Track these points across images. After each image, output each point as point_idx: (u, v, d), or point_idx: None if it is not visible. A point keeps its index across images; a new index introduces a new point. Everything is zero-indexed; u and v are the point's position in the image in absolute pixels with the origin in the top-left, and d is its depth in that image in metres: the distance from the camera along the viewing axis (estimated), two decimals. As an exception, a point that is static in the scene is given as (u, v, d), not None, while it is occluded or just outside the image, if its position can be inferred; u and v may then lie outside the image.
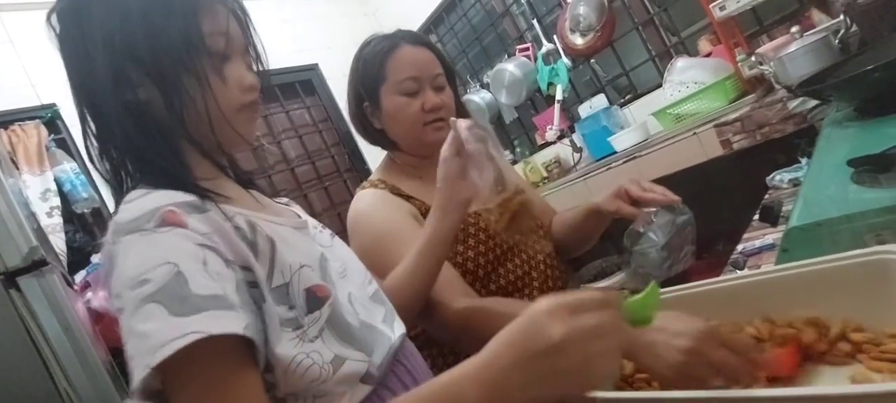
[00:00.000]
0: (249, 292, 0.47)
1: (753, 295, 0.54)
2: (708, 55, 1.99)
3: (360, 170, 3.00)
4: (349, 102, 0.95)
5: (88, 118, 0.54)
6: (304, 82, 3.01)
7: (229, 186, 0.60)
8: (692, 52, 2.15)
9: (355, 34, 3.04)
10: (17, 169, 1.88)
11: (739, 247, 0.91)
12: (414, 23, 3.17)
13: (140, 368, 0.40)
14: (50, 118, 2.03)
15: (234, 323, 0.42)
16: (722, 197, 1.58)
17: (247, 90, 0.56)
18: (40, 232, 1.18)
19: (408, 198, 0.88)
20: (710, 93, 1.79)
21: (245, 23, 0.58)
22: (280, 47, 2.72)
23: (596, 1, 2.33)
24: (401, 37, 0.90)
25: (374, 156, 1.06)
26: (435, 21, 3.15)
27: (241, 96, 0.56)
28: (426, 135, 0.88)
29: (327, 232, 0.68)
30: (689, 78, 1.86)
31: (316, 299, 0.52)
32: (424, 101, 0.87)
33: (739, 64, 1.73)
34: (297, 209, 0.71)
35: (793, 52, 1.22)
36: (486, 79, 2.88)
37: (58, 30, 0.53)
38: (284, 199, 0.73)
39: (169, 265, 0.43)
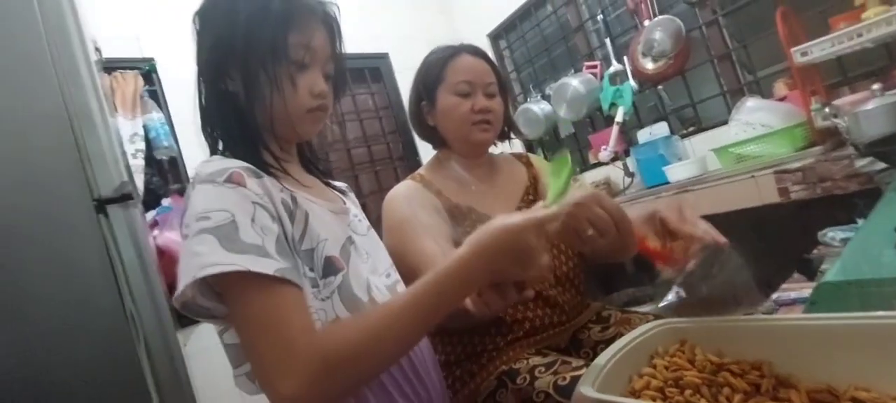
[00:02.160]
0: (287, 244, 0.58)
1: (773, 339, 0.56)
2: (782, 99, 1.91)
3: (410, 161, 3.09)
4: (410, 100, 1.05)
5: (201, 98, 0.67)
6: (373, 70, 3.13)
7: (291, 166, 0.70)
8: (766, 94, 2.07)
9: (428, 30, 3.14)
10: (115, 110, 2.10)
11: (774, 296, 0.90)
12: (487, 25, 3.22)
13: (187, 277, 0.51)
14: (147, 70, 2.24)
15: (267, 266, 0.52)
16: (770, 245, 1.52)
17: (316, 96, 0.65)
18: (129, 170, 1.33)
19: (437, 193, 0.96)
20: (776, 139, 1.73)
21: (334, 34, 0.68)
22: (354, 33, 2.85)
23: (673, 28, 2.29)
24: (462, 47, 1.01)
25: (426, 148, 1.14)
26: (507, 27, 3.19)
27: (309, 101, 0.65)
28: (473, 134, 0.98)
29: (365, 224, 0.77)
30: (757, 119, 1.80)
31: (332, 267, 0.62)
32: (474, 103, 0.97)
33: (813, 113, 1.66)
34: (351, 198, 0.81)
35: (870, 110, 1.17)
36: (548, 91, 2.89)
37: (196, 27, 0.67)
38: (343, 185, 0.83)
39: (226, 213, 0.54)
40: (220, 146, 0.68)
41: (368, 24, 3.03)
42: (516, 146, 2.73)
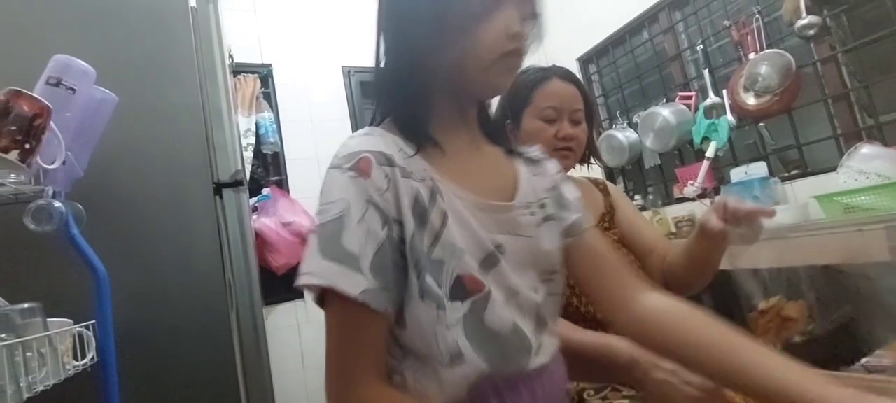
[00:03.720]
0: (398, 248, 0.52)
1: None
2: (905, 149, 1.71)
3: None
4: (494, 116, 1.08)
5: (378, 60, 0.61)
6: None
7: (459, 140, 0.60)
8: (888, 142, 1.87)
9: (517, 51, 3.18)
10: (236, 108, 2.40)
11: (864, 360, 0.83)
12: (578, 49, 3.20)
13: (300, 275, 0.51)
14: (264, 75, 2.54)
15: (353, 285, 0.48)
16: (874, 307, 1.37)
17: (511, 38, 0.55)
18: (242, 160, 1.52)
19: None
20: (893, 191, 1.55)
21: None
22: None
23: (782, 63, 2.13)
24: (554, 71, 1.01)
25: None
26: (599, 52, 3.15)
27: (505, 43, 0.55)
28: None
29: (537, 217, 0.63)
30: (871, 168, 1.63)
31: (462, 289, 0.52)
32: (559, 130, 0.97)
33: (941, 166, 1.47)
34: (544, 169, 0.68)
35: None
36: (635, 119, 2.81)
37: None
38: (538, 153, 0.70)
39: (339, 206, 0.50)
40: (380, 116, 0.62)
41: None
42: (595, 171, 2.68)
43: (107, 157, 1.10)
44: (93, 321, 0.98)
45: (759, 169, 2.19)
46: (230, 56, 1.70)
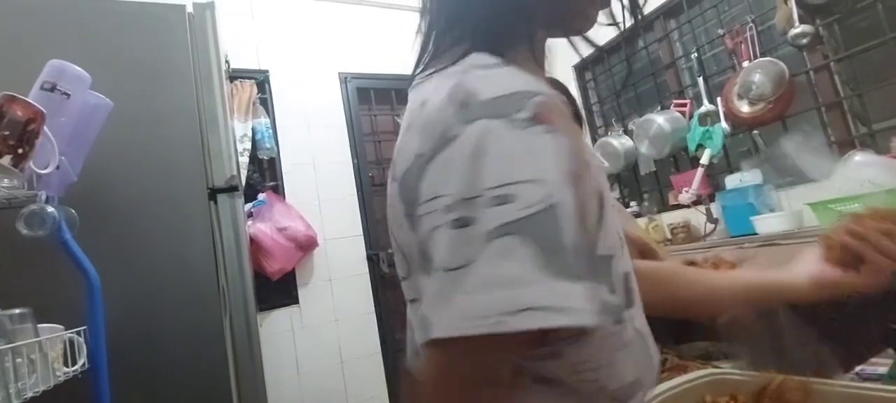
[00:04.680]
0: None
1: None
2: (898, 157, 1.73)
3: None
4: None
5: None
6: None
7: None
8: (881, 150, 1.88)
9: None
10: (232, 114, 2.39)
11: (858, 368, 0.83)
12: (574, 56, 3.22)
13: (473, 324, 0.27)
14: (261, 80, 2.54)
15: (592, 313, 0.28)
16: (868, 314, 1.37)
17: None
18: (238, 166, 1.52)
19: None
20: (885, 199, 1.56)
21: None
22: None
23: (776, 71, 2.15)
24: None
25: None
26: (595, 59, 3.17)
27: None
28: None
29: None
30: (864, 176, 1.65)
31: (631, 290, 0.37)
32: None
33: (933, 174, 1.49)
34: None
35: None
36: (631, 126, 2.83)
37: None
38: None
39: (539, 186, 0.28)
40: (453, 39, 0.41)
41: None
42: (593, 179, 2.69)
43: (101, 162, 1.09)
44: (84, 327, 0.97)
45: (754, 176, 2.21)
46: (227, 61, 1.70)
